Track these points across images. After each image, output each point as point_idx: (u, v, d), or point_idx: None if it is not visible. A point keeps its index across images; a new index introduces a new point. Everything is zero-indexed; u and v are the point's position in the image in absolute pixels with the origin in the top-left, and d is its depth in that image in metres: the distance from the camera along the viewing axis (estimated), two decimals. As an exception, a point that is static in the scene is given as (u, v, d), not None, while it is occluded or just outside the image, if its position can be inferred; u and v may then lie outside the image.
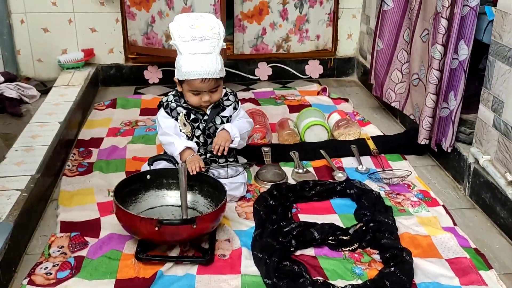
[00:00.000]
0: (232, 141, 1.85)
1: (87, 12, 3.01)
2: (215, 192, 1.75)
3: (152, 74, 3.17)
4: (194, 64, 1.76)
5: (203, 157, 1.88)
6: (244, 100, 2.82)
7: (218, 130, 1.88)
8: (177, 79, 1.85)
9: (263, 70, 3.24)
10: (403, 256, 1.55)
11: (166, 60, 3.05)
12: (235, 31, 3.09)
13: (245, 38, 3.11)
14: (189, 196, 1.77)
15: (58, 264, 1.57)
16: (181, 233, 1.55)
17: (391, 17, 2.49)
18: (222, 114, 1.91)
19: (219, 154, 1.84)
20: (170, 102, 1.89)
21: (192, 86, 1.80)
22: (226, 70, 3.15)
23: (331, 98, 2.92)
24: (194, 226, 1.53)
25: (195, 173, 1.74)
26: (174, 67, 1.86)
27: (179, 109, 1.87)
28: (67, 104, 2.51)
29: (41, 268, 1.56)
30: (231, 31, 3.13)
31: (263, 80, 3.26)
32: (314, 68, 3.29)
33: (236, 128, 1.87)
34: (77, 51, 3.05)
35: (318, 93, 3.00)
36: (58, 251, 1.64)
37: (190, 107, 1.88)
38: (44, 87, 2.89)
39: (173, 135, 1.85)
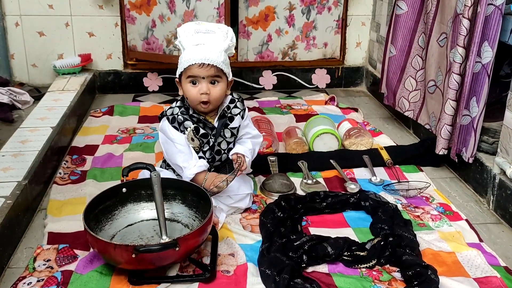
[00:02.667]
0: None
1: (85, 15, 2.89)
2: (200, 201, 1.59)
3: (152, 81, 3.03)
4: (195, 52, 1.63)
5: None
6: (248, 109, 2.67)
7: (230, 153, 1.76)
8: (178, 78, 1.71)
9: (268, 79, 3.11)
10: (428, 274, 1.39)
11: (166, 67, 2.92)
12: (239, 37, 2.96)
13: (249, 44, 2.98)
14: (172, 207, 1.63)
15: (43, 279, 1.42)
16: (163, 258, 1.37)
17: (405, 22, 2.36)
18: (231, 125, 1.74)
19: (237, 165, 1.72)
20: (176, 116, 1.70)
21: (189, 73, 1.64)
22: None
23: (340, 108, 2.78)
24: (177, 249, 1.35)
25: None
26: (175, 75, 1.73)
27: (187, 123, 1.69)
28: (60, 109, 2.36)
29: (24, 283, 1.40)
30: (235, 37, 3.00)
31: (268, 90, 3.12)
32: (321, 77, 3.15)
33: (250, 154, 1.77)
34: (73, 56, 2.92)
35: (326, 103, 2.86)
36: (44, 264, 1.48)
37: (200, 117, 1.70)
38: (38, 93, 2.75)
39: (182, 159, 1.69)
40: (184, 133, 1.69)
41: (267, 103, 2.86)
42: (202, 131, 1.70)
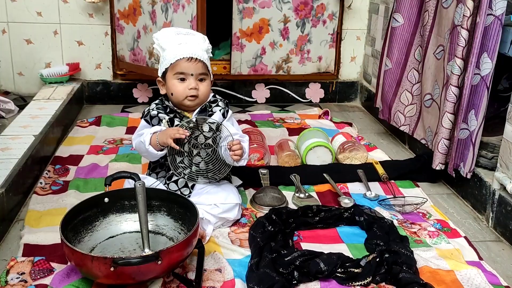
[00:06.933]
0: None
1: (75, 23, 2.82)
2: (186, 213, 1.51)
3: (142, 92, 2.96)
4: (181, 49, 1.66)
5: (187, 170, 1.65)
6: (240, 122, 2.61)
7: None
8: (160, 77, 1.72)
9: (261, 92, 3.04)
10: (427, 293, 1.31)
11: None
12: (232, 49, 2.89)
13: (243, 57, 2.91)
14: (156, 219, 1.55)
15: (15, 294, 1.32)
16: (144, 272, 1.28)
17: (401, 34, 2.31)
18: (210, 120, 1.69)
19: (234, 153, 1.61)
20: (151, 110, 1.71)
21: (178, 69, 1.65)
22: (221, 91, 2.98)
23: (334, 122, 2.71)
24: (159, 262, 1.26)
25: (183, 136, 1.58)
26: None
27: (161, 115, 1.69)
28: (45, 117, 2.28)
29: (-5, 297, 1.31)
30: (228, 50, 2.94)
31: (260, 103, 3.06)
32: (315, 92, 3.09)
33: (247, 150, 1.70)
34: (61, 65, 2.84)
35: (320, 117, 2.79)
36: (17, 278, 1.39)
37: (175, 108, 1.70)
38: (24, 102, 2.67)
39: (142, 133, 1.66)
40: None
41: (260, 116, 2.79)
42: (177, 122, 1.68)
